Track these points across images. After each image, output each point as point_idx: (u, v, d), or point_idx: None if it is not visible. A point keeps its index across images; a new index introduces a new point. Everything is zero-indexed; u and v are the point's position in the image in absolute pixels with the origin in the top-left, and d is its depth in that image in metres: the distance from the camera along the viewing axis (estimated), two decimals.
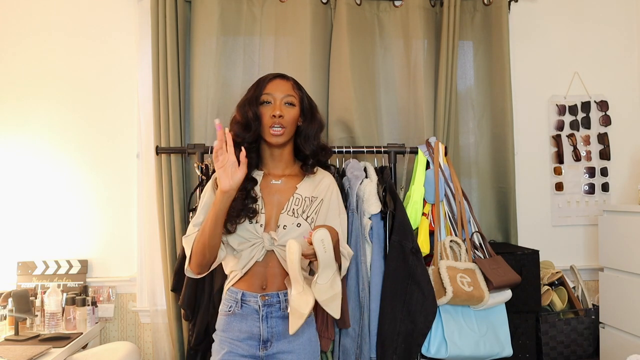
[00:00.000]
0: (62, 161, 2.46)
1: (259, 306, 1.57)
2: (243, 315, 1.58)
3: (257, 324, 1.56)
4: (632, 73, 2.80)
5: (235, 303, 1.59)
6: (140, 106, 2.44)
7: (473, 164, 2.63)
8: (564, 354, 2.38)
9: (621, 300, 2.28)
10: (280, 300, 1.58)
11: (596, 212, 2.68)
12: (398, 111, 2.57)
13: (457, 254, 2.12)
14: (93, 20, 2.48)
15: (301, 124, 1.67)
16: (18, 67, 2.45)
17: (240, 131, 1.62)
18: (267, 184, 1.65)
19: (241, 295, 1.58)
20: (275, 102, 1.61)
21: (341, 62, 2.43)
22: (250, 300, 1.57)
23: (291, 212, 1.60)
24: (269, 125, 1.60)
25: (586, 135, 2.75)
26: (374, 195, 2.06)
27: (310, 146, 1.67)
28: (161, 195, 2.30)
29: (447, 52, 2.46)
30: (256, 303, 1.57)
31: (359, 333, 1.98)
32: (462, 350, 1.98)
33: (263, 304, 1.56)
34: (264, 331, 1.56)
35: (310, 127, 1.67)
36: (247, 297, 1.58)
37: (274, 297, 1.57)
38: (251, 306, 1.57)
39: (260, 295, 1.57)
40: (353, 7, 2.47)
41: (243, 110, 1.62)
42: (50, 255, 2.42)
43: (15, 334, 2.08)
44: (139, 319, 2.49)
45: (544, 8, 2.75)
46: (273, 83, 1.64)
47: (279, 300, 1.58)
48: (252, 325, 1.57)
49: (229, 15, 2.43)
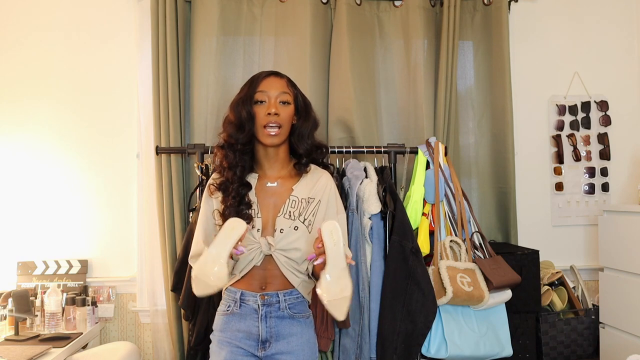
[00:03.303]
0: (62, 161, 2.46)
1: (258, 305, 1.55)
2: (242, 315, 1.56)
3: (255, 324, 1.55)
4: (632, 73, 2.80)
5: (234, 302, 1.57)
6: (140, 106, 2.44)
7: (473, 164, 2.63)
8: (564, 354, 2.38)
9: (621, 300, 2.28)
10: (280, 300, 1.56)
11: (596, 212, 2.68)
12: (398, 111, 2.57)
13: (457, 254, 2.12)
14: (93, 20, 2.48)
15: (296, 122, 1.63)
16: (18, 67, 2.45)
17: (234, 132, 1.58)
18: (262, 187, 1.62)
19: (240, 294, 1.56)
20: (270, 100, 1.57)
21: (341, 62, 2.43)
22: (249, 300, 1.56)
23: (288, 215, 1.57)
24: (263, 124, 1.55)
25: (586, 135, 2.75)
26: (374, 195, 2.06)
27: (304, 145, 1.63)
28: (161, 195, 2.30)
29: (447, 52, 2.46)
30: (255, 302, 1.55)
31: (359, 333, 1.98)
32: (462, 350, 1.98)
33: (262, 303, 1.55)
34: (262, 331, 1.54)
35: (305, 126, 1.63)
36: (246, 297, 1.56)
37: (273, 297, 1.55)
38: (250, 305, 1.55)
39: (259, 295, 1.55)
40: (353, 7, 2.47)
41: (236, 110, 1.58)
42: (50, 255, 2.42)
43: (15, 334, 2.08)
44: (139, 319, 2.49)
45: (544, 8, 2.75)
46: (267, 81, 1.60)
47: (279, 300, 1.56)
48: (250, 324, 1.55)
49: (229, 15, 2.43)
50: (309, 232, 1.58)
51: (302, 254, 1.56)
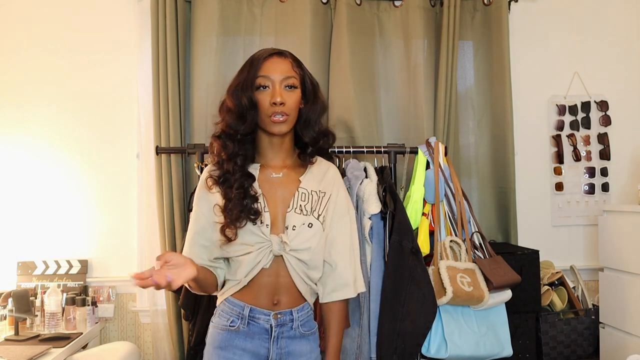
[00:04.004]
0: (62, 161, 2.46)
1: (270, 326, 1.38)
2: (249, 334, 1.38)
3: (265, 345, 1.38)
4: (632, 73, 2.80)
5: (239, 319, 1.38)
6: (140, 106, 2.44)
7: (473, 164, 2.63)
8: (564, 354, 2.37)
9: (621, 300, 2.28)
10: (294, 318, 1.40)
11: (596, 212, 2.68)
12: (398, 111, 2.57)
13: (457, 254, 2.12)
14: (93, 20, 2.48)
15: (302, 107, 1.44)
16: (18, 67, 2.45)
17: (234, 122, 1.39)
18: (266, 177, 1.43)
19: (249, 310, 1.38)
20: (274, 85, 1.37)
21: (341, 62, 2.43)
22: (260, 319, 1.38)
23: (299, 210, 1.40)
24: (268, 114, 1.37)
25: (586, 135, 2.75)
26: (374, 196, 2.06)
27: (310, 132, 1.45)
28: (161, 195, 2.30)
29: (447, 52, 2.46)
30: (267, 322, 1.38)
31: (359, 333, 1.98)
32: (462, 350, 1.98)
33: (276, 323, 1.38)
34: (273, 353, 1.38)
35: (312, 111, 1.45)
36: (256, 314, 1.38)
37: (287, 315, 1.40)
38: (261, 325, 1.38)
39: (273, 314, 1.38)
40: (353, 7, 2.47)
41: (235, 97, 1.38)
42: (50, 255, 2.42)
43: (15, 334, 2.08)
44: (139, 319, 2.49)
45: (544, 8, 2.75)
46: (269, 62, 1.39)
47: (292, 318, 1.40)
48: (259, 345, 1.38)
49: (229, 16, 2.43)
50: (323, 229, 1.42)
51: (315, 256, 1.41)
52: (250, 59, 1.44)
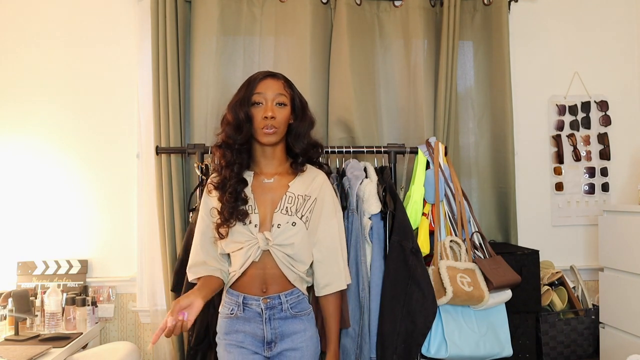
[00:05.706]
0: (62, 161, 2.46)
1: (261, 309, 1.59)
2: (246, 318, 1.60)
3: (260, 326, 1.59)
4: (632, 73, 2.80)
5: (237, 306, 1.60)
6: (140, 106, 2.44)
7: (473, 164, 2.63)
8: (564, 354, 2.38)
9: (621, 300, 2.28)
10: (282, 301, 1.60)
11: (596, 212, 2.68)
12: (398, 111, 2.57)
13: (457, 254, 2.12)
14: (93, 20, 2.48)
15: (292, 122, 1.67)
16: (18, 67, 2.45)
17: (232, 133, 1.62)
18: (259, 183, 1.66)
19: (242, 298, 1.60)
20: (267, 102, 1.60)
21: (341, 62, 2.43)
22: (252, 304, 1.60)
23: (285, 211, 1.61)
24: (260, 126, 1.60)
25: (586, 135, 2.75)
26: (374, 196, 2.06)
27: (300, 144, 1.67)
28: (161, 195, 2.30)
29: (447, 52, 2.46)
30: (258, 306, 1.59)
31: (359, 333, 1.98)
32: (462, 350, 1.98)
33: (265, 307, 1.59)
34: (267, 333, 1.59)
35: (301, 126, 1.67)
36: (248, 301, 1.60)
37: (275, 300, 1.60)
38: (253, 309, 1.59)
39: (262, 299, 1.59)
40: (353, 7, 2.47)
41: (234, 112, 1.62)
42: (50, 255, 2.42)
43: (15, 334, 2.08)
44: (139, 319, 2.49)
45: (544, 8, 2.75)
46: (264, 83, 1.63)
47: (281, 302, 1.60)
48: (255, 327, 1.60)
49: (229, 15, 2.43)
50: (306, 228, 1.62)
51: (299, 251, 1.60)
52: (248, 79, 1.66)
